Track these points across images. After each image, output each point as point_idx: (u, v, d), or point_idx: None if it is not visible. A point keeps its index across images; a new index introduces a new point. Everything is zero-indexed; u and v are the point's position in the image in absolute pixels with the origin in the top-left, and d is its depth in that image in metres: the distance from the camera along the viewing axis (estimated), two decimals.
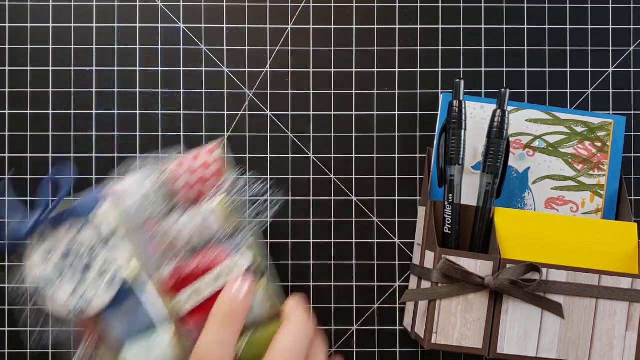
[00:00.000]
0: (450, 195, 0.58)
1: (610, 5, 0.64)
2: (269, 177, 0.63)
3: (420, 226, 0.61)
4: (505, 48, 0.64)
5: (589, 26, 0.64)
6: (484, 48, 0.64)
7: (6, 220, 0.48)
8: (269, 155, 0.63)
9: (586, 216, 0.61)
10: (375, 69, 0.63)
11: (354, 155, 0.63)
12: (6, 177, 0.60)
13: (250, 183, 0.59)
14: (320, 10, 0.64)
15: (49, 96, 0.63)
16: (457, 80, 0.58)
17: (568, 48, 0.64)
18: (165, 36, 0.63)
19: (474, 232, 0.58)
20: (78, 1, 0.63)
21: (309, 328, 0.49)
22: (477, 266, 0.54)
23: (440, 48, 0.64)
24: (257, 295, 0.50)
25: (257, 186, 0.59)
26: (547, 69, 0.63)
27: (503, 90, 0.57)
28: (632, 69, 0.63)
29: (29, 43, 0.63)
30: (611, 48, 0.64)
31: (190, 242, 0.50)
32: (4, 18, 0.63)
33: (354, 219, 0.63)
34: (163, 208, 0.50)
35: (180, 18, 0.63)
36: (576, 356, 0.54)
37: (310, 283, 0.63)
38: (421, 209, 0.61)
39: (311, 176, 0.63)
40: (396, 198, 0.63)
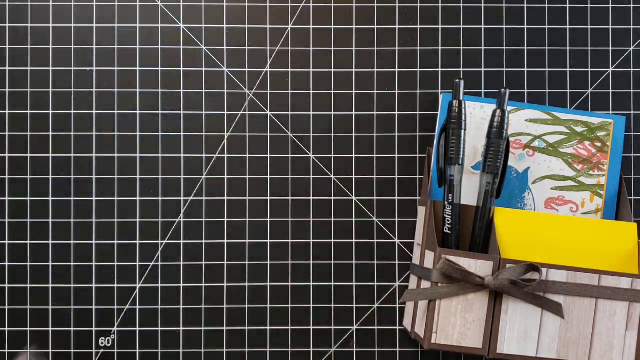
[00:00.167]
0: (450, 195, 0.58)
1: (610, 5, 0.64)
2: (269, 177, 0.63)
3: (420, 226, 0.61)
4: (505, 48, 0.64)
5: (589, 26, 0.64)
6: (484, 48, 0.64)
7: None
8: (269, 155, 0.63)
9: (586, 216, 0.61)
10: (375, 69, 0.63)
11: (354, 155, 0.63)
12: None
13: None
14: (320, 10, 0.63)
15: (49, 96, 0.63)
16: (457, 80, 0.58)
17: (568, 48, 0.64)
18: (165, 36, 0.63)
19: (474, 232, 0.58)
20: (78, 1, 0.63)
21: None
22: (477, 266, 0.54)
23: (440, 48, 0.64)
24: None
25: None
26: (547, 69, 0.63)
27: (503, 90, 0.57)
28: (632, 69, 0.63)
29: (29, 43, 0.63)
30: (611, 48, 0.64)
31: None
32: (4, 18, 0.63)
33: (354, 219, 0.63)
34: None
35: (180, 18, 0.63)
36: (576, 356, 0.54)
37: (310, 283, 0.63)
38: (421, 209, 0.61)
39: (311, 176, 0.63)
40: (396, 198, 0.63)
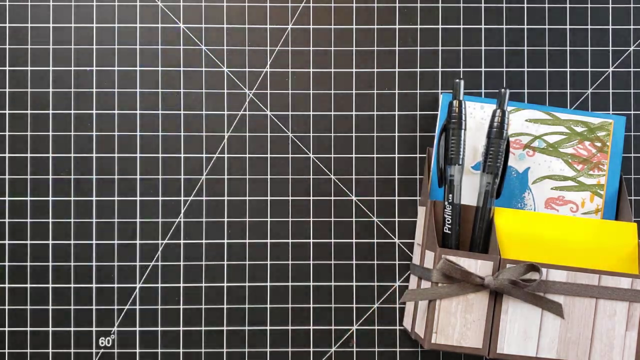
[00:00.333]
0: (450, 195, 0.58)
1: (610, 5, 0.64)
2: (269, 177, 0.63)
3: (420, 226, 0.61)
4: (505, 48, 0.64)
5: (589, 26, 0.64)
6: (484, 48, 0.64)
7: None
8: (269, 155, 0.63)
9: (586, 216, 0.61)
10: (375, 69, 0.63)
11: (354, 155, 0.63)
12: None
13: None
14: (320, 10, 0.63)
15: (49, 96, 0.63)
16: (457, 80, 0.58)
17: (568, 48, 0.64)
18: (165, 36, 0.63)
19: (474, 232, 0.58)
20: (78, 1, 0.63)
21: None
22: (477, 266, 0.54)
23: (440, 48, 0.64)
24: None
25: None
26: (547, 69, 0.63)
27: (503, 90, 0.57)
28: (632, 69, 0.63)
29: (29, 43, 0.63)
30: (611, 48, 0.64)
31: None
32: (4, 18, 0.63)
33: (354, 219, 0.63)
34: None
35: (180, 18, 0.63)
36: (576, 356, 0.54)
37: (310, 283, 0.63)
38: (421, 209, 0.61)
39: (311, 176, 0.63)
40: (396, 198, 0.63)
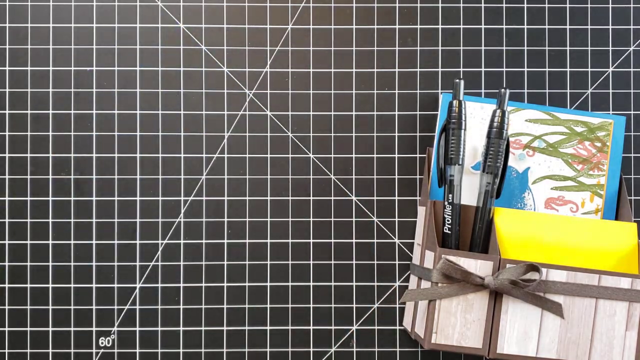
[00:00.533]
0: (450, 195, 0.58)
1: (610, 5, 0.64)
2: (269, 177, 0.63)
3: (420, 226, 0.61)
4: (505, 48, 0.64)
5: (589, 26, 0.64)
6: (484, 48, 0.64)
7: None
8: (269, 155, 0.63)
9: (586, 216, 0.61)
10: (375, 69, 0.63)
11: (354, 155, 0.63)
12: None
13: None
14: (320, 10, 0.64)
15: (49, 96, 0.63)
16: (457, 80, 0.58)
17: (568, 48, 0.64)
18: (165, 36, 0.63)
19: (474, 232, 0.58)
20: (78, 1, 0.63)
21: None
22: (477, 266, 0.54)
23: (440, 48, 0.64)
24: None
25: None
26: (547, 69, 0.63)
27: (503, 90, 0.57)
28: (632, 69, 0.63)
29: (29, 43, 0.63)
30: (611, 48, 0.64)
31: None
32: (4, 18, 0.63)
33: (354, 219, 0.63)
34: None
35: (180, 18, 0.63)
36: (576, 356, 0.54)
37: (310, 283, 0.63)
38: (421, 209, 0.61)
39: (311, 176, 0.63)
40: (396, 198, 0.63)
